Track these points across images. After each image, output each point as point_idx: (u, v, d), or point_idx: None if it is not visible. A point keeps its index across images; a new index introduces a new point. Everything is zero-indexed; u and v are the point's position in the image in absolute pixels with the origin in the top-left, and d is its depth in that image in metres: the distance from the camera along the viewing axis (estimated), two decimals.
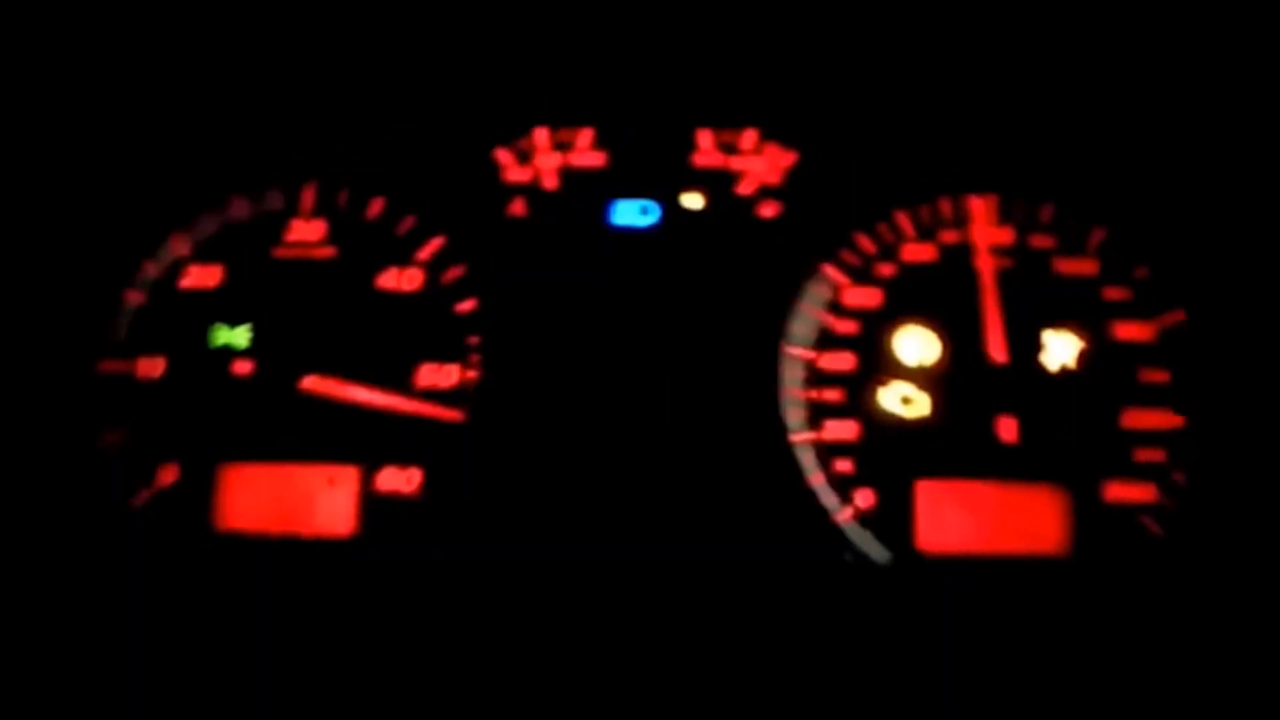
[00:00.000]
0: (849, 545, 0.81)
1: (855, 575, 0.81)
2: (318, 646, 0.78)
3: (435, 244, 0.88)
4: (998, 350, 0.84)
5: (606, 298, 0.86)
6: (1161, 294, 0.85)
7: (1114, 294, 0.86)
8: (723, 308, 0.85)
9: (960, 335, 0.85)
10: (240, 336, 0.87)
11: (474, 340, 0.86)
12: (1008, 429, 0.83)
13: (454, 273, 0.87)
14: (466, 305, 0.87)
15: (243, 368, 0.86)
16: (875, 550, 0.81)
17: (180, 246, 0.90)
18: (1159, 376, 0.84)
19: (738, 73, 0.90)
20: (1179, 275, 0.85)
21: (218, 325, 0.87)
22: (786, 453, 0.82)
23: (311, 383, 0.85)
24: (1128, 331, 0.85)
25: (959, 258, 0.87)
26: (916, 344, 0.85)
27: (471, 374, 0.85)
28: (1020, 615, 0.79)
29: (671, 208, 0.88)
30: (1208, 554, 0.79)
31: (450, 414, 0.84)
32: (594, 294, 0.86)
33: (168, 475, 0.84)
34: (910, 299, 0.86)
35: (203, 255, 0.89)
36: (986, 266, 0.86)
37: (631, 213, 0.88)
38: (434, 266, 0.88)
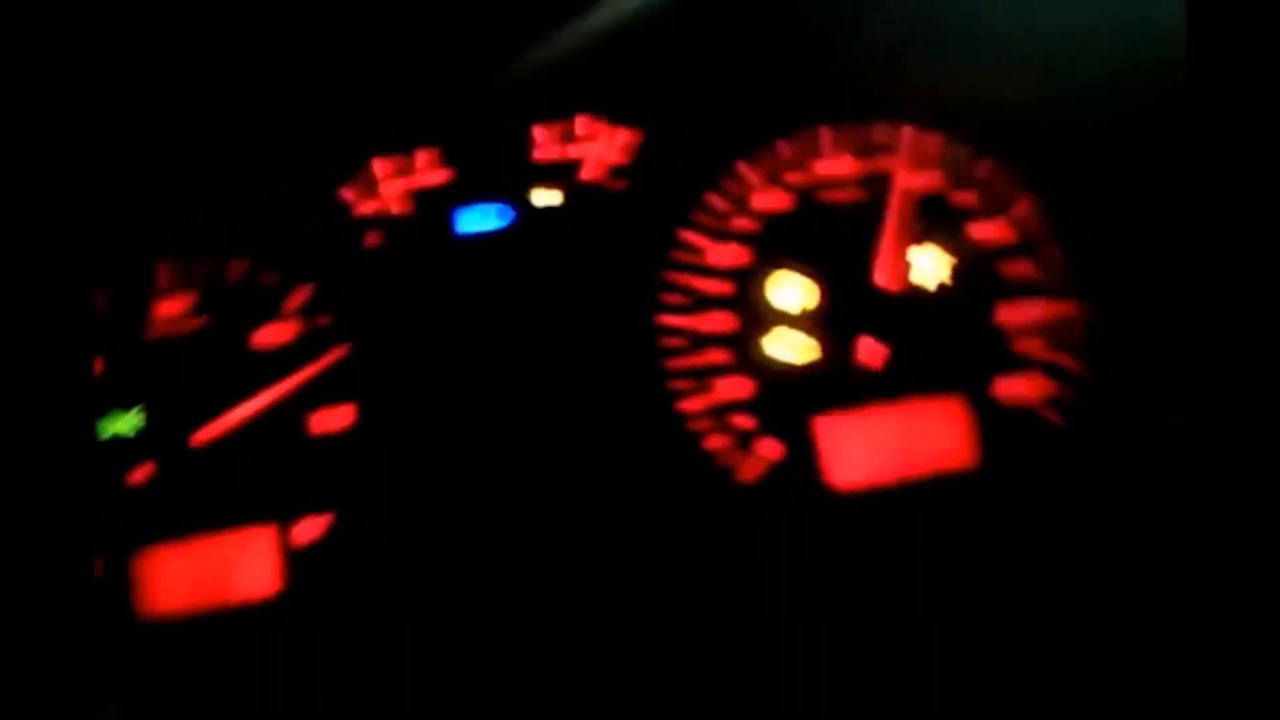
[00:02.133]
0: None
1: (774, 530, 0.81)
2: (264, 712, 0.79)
3: (302, 294, 0.89)
4: (882, 275, 0.85)
5: (473, 307, 0.87)
6: (1008, 188, 0.87)
7: (962, 199, 0.87)
8: (591, 293, 0.86)
9: (830, 272, 0.86)
10: (129, 422, 0.86)
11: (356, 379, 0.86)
12: (870, 352, 0.84)
13: (324, 319, 0.88)
14: (340, 348, 0.87)
15: (138, 452, 0.86)
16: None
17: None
18: (1023, 269, 0.85)
19: (559, 63, 0.91)
20: (1019, 166, 0.87)
21: (110, 413, 0.87)
22: (681, 421, 0.83)
23: (203, 433, 0.85)
24: (985, 233, 0.86)
25: (808, 197, 0.88)
26: (789, 289, 0.86)
27: (362, 411, 0.85)
28: (945, 530, 0.80)
29: (523, 206, 0.89)
30: (1110, 435, 0.81)
31: (337, 352, 0.85)
32: (460, 306, 0.87)
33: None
34: (773, 246, 0.87)
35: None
36: (897, 194, 0.86)
37: (481, 218, 0.89)
38: (304, 315, 0.88)
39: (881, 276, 0.85)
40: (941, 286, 0.85)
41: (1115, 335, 0.83)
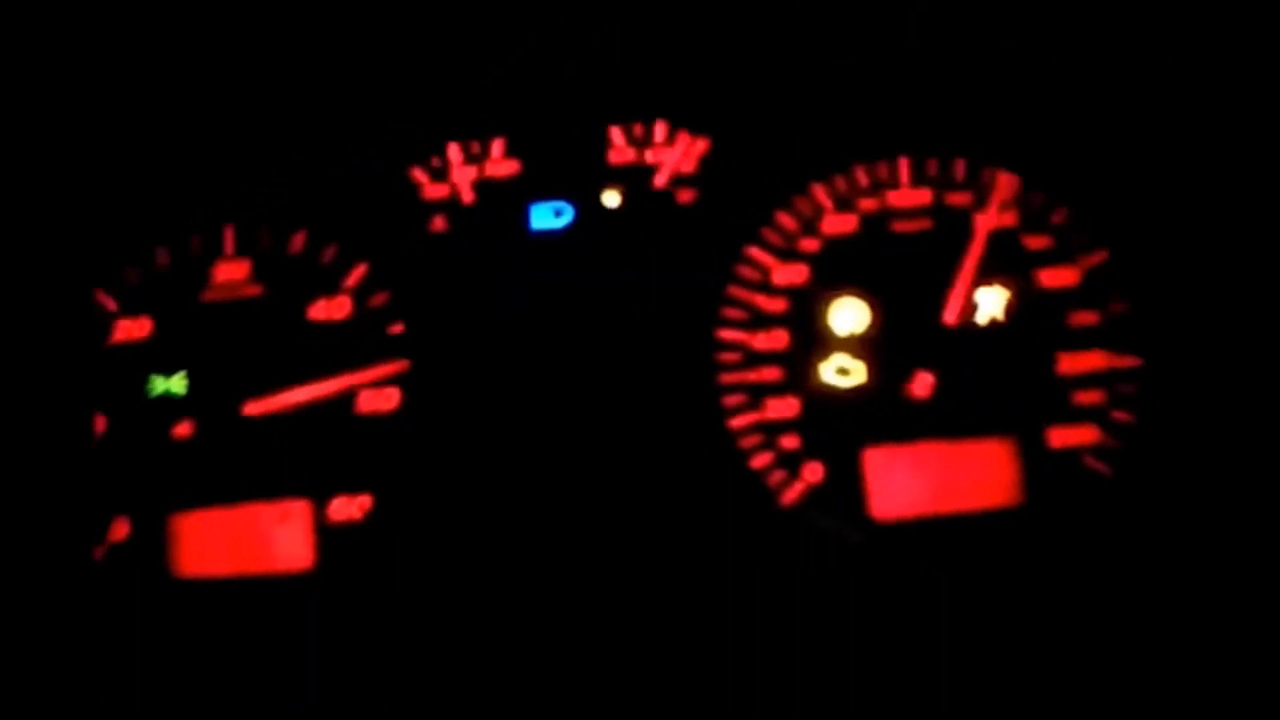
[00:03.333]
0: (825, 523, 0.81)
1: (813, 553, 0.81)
2: (284, 684, 0.79)
3: (360, 270, 0.88)
4: (951, 312, 0.84)
5: (533, 303, 0.86)
6: (1082, 237, 0.86)
7: (1035, 242, 0.86)
8: (651, 299, 0.86)
9: (890, 301, 0.85)
10: (177, 384, 0.87)
11: (409, 361, 0.86)
12: (922, 385, 0.83)
13: (381, 297, 0.88)
14: (397, 328, 0.87)
15: (183, 414, 0.86)
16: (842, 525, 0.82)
17: (106, 301, 0.90)
18: (1088, 319, 0.84)
19: (642, 67, 0.90)
20: (1098, 217, 0.86)
21: (154, 375, 0.87)
22: (729, 437, 0.83)
23: (254, 406, 0.85)
24: (1052, 278, 0.85)
25: (879, 225, 0.87)
26: (847, 314, 0.86)
27: (409, 395, 0.85)
28: (981, 570, 0.79)
29: (587, 207, 0.89)
30: (1156, 488, 0.80)
31: (397, 366, 0.85)
32: (520, 300, 0.87)
33: (120, 530, 0.84)
34: (836, 270, 0.86)
35: (131, 308, 0.89)
36: (981, 234, 0.86)
37: (547, 216, 0.89)
38: (361, 292, 0.88)
39: (951, 312, 0.84)
40: (1002, 327, 0.84)
41: (1171, 392, 0.82)
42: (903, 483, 0.82)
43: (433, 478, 0.83)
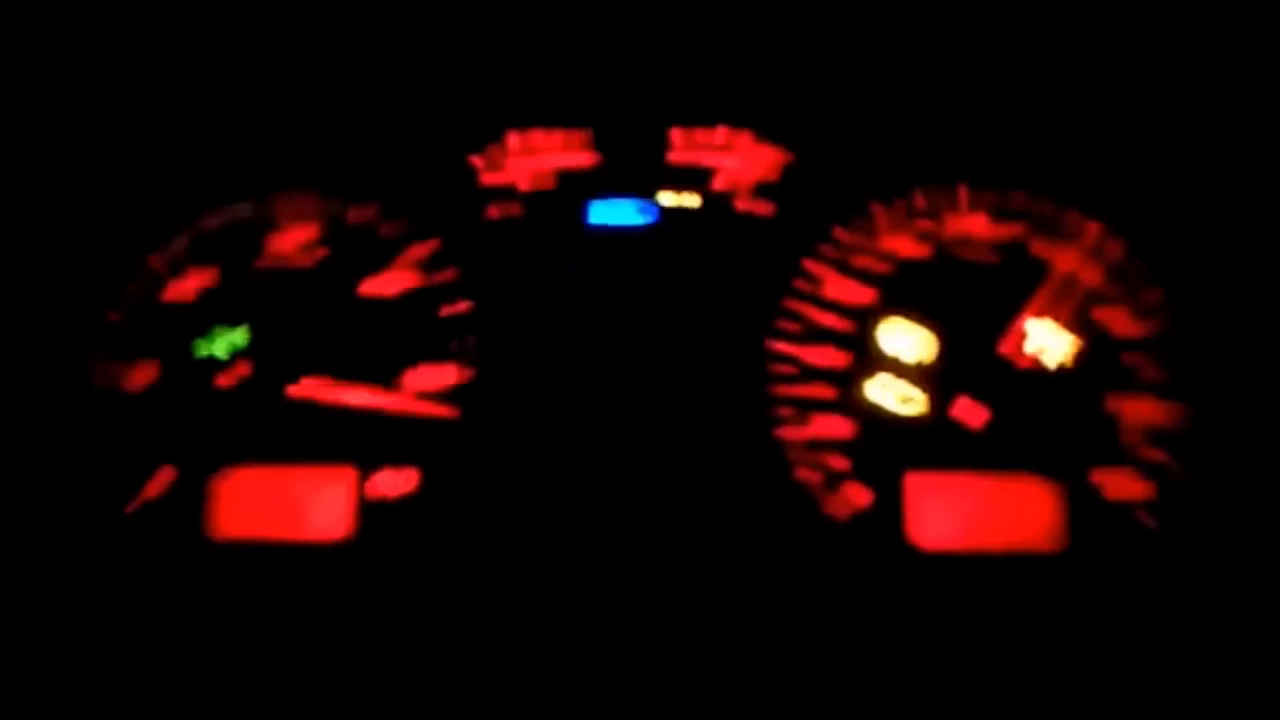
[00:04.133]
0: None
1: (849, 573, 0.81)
2: (317, 652, 0.79)
3: (425, 248, 0.88)
4: (1013, 347, 0.84)
5: (593, 297, 0.86)
6: (1159, 295, 0.86)
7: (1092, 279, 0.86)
8: (709, 305, 0.86)
9: (953, 330, 0.85)
10: (236, 338, 0.87)
11: (467, 341, 0.86)
12: (973, 413, 0.83)
13: (443, 275, 0.88)
14: (458, 307, 0.87)
15: (230, 376, 0.86)
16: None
17: (161, 260, 0.90)
18: (1151, 370, 0.84)
19: (720, 70, 0.90)
20: (1170, 266, 0.86)
21: (205, 335, 0.87)
22: (776, 449, 0.83)
23: (300, 388, 0.85)
24: (1124, 327, 0.85)
25: (948, 252, 0.87)
26: (909, 339, 0.85)
27: (465, 375, 0.85)
28: (1016, 610, 0.79)
29: (661, 206, 0.89)
30: (1202, 547, 0.80)
31: (445, 411, 0.84)
32: (581, 293, 0.87)
33: (158, 485, 0.84)
34: (902, 294, 0.86)
35: (187, 265, 0.89)
36: (1058, 277, 0.86)
37: (621, 212, 0.88)
38: (423, 270, 0.88)
39: (1009, 346, 0.84)
40: (1066, 371, 0.84)
41: (1222, 446, 0.82)
42: (944, 513, 0.81)
43: (483, 462, 0.83)
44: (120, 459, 0.84)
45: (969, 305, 0.85)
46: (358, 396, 0.84)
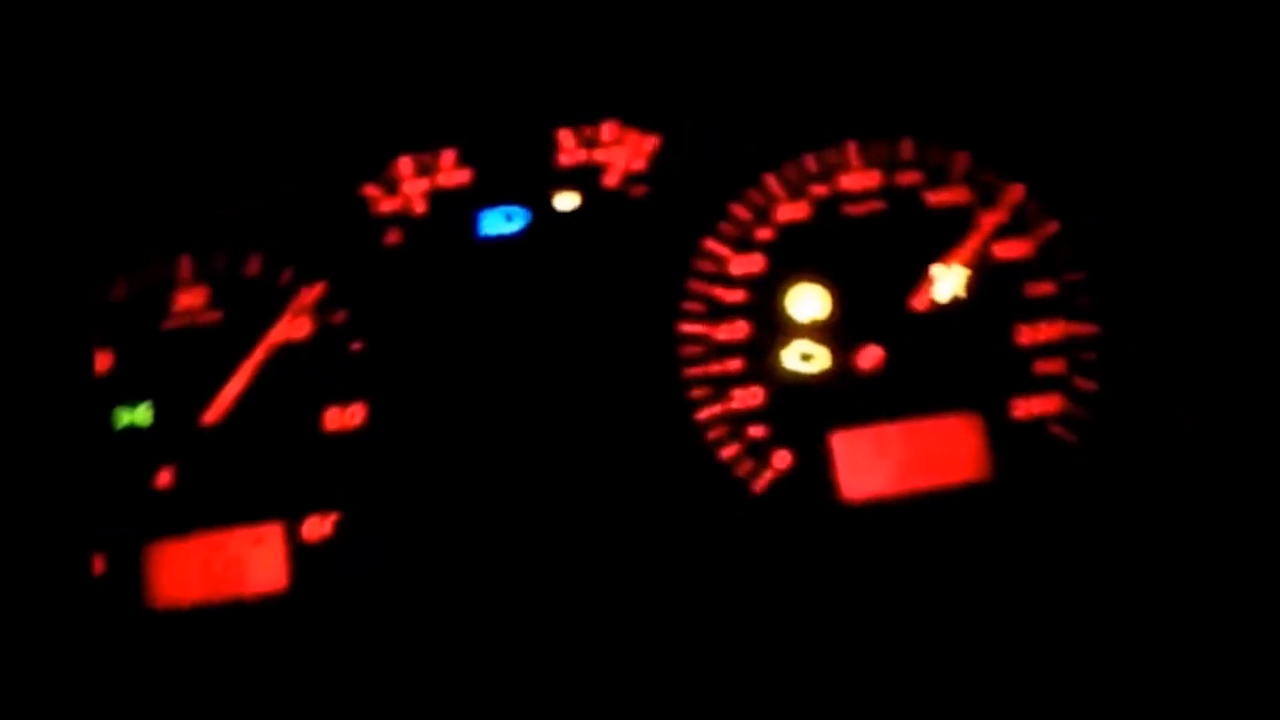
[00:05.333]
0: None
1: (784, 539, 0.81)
2: (268, 706, 0.79)
3: (317, 289, 0.88)
4: (921, 299, 0.85)
5: (491, 309, 0.86)
6: (1035, 208, 0.87)
7: (989, 217, 0.87)
8: (610, 298, 0.86)
9: (847, 284, 0.86)
10: (142, 415, 0.86)
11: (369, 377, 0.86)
12: (868, 357, 0.84)
13: (340, 315, 0.88)
14: (357, 345, 0.87)
15: (150, 444, 0.86)
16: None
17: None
18: (1045, 289, 0.85)
19: (586, 68, 0.90)
20: (1050, 189, 0.87)
21: (118, 407, 0.87)
22: (696, 429, 0.83)
23: (211, 412, 0.85)
24: (1007, 250, 0.86)
25: (831, 210, 0.88)
26: (806, 300, 0.86)
27: (373, 410, 0.85)
28: (954, 545, 0.80)
29: (541, 210, 0.89)
30: (1122, 453, 0.81)
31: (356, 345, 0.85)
32: (478, 308, 0.87)
33: (98, 564, 0.84)
34: (793, 257, 0.87)
35: (93, 340, 0.89)
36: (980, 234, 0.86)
37: (498, 221, 0.89)
38: (320, 311, 0.88)
39: (920, 299, 0.85)
40: (955, 300, 0.85)
41: (1131, 355, 0.83)
42: (871, 463, 0.82)
43: (400, 491, 0.83)
44: (53, 538, 0.84)
45: (861, 258, 0.86)
46: (244, 370, 0.86)
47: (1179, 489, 0.78)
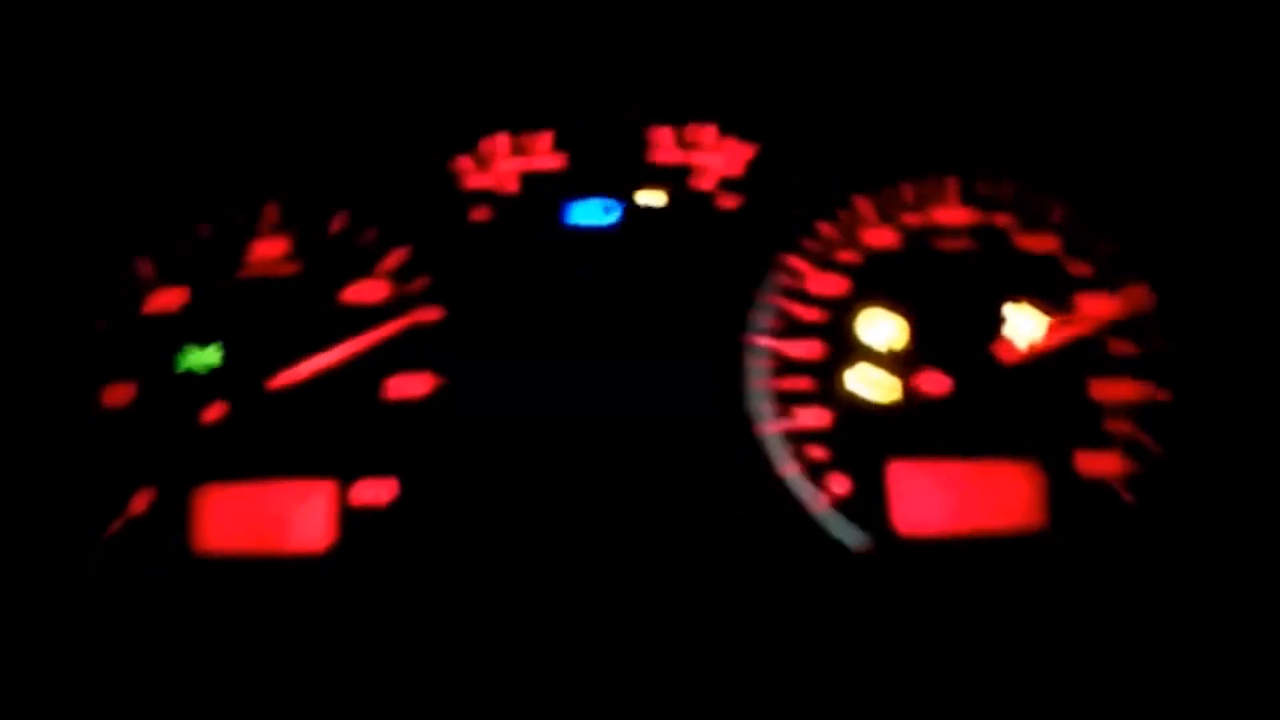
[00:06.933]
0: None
1: (834, 563, 0.81)
2: (301, 664, 0.79)
3: (399, 255, 0.88)
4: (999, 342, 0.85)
5: (570, 297, 0.86)
6: (1124, 266, 0.86)
7: (1077, 268, 0.86)
8: (687, 301, 0.86)
9: (926, 317, 0.86)
10: (208, 357, 0.86)
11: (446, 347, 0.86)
12: (935, 382, 0.84)
13: (419, 282, 0.88)
14: (433, 314, 0.87)
15: (212, 388, 0.86)
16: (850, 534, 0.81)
17: (143, 270, 0.90)
18: (1125, 348, 0.84)
19: (692, 68, 0.90)
20: (1141, 248, 0.86)
21: (185, 348, 0.87)
22: (757, 444, 0.83)
23: (280, 379, 0.85)
24: (1092, 306, 0.86)
25: (920, 240, 0.88)
26: (882, 327, 0.86)
27: (441, 381, 0.85)
28: (1001, 590, 0.79)
29: (631, 205, 0.89)
30: (1181, 520, 0.80)
31: (432, 313, 0.85)
32: (557, 294, 0.86)
33: (141, 501, 0.84)
34: (875, 283, 0.87)
35: (166, 278, 0.89)
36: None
37: (591, 212, 0.88)
38: (398, 277, 0.88)
39: (999, 341, 0.85)
40: (1039, 350, 0.84)
41: (1201, 424, 0.82)
42: (926, 498, 0.82)
43: (461, 467, 0.83)
44: (103, 477, 0.84)
45: (944, 293, 0.86)
46: (331, 356, 0.85)
47: (1234, 559, 0.78)
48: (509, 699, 0.76)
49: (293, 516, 0.83)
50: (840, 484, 0.82)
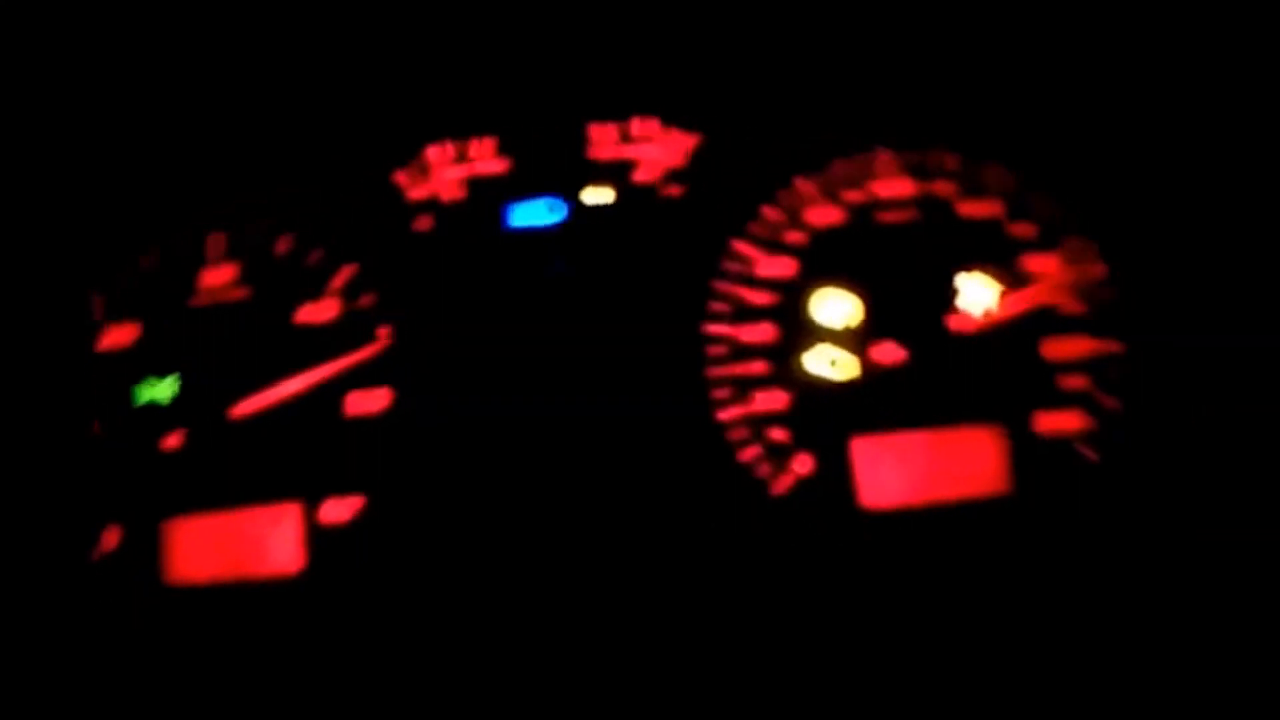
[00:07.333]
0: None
1: (804, 544, 0.81)
2: (282, 686, 0.79)
3: (346, 272, 0.88)
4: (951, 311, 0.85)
5: (519, 300, 0.86)
6: (1068, 225, 0.87)
7: (1021, 231, 0.87)
8: (638, 295, 0.86)
9: (876, 293, 0.86)
10: (165, 390, 0.86)
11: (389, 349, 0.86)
12: (886, 353, 0.84)
13: (367, 299, 0.88)
14: (384, 329, 0.87)
15: (172, 419, 0.86)
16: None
17: (94, 308, 0.90)
18: (1073, 304, 0.85)
19: (628, 63, 0.91)
20: (1084, 205, 0.87)
21: (141, 381, 0.87)
22: (717, 430, 0.83)
23: (241, 407, 0.85)
24: (1038, 265, 0.86)
25: (865, 216, 0.88)
26: (834, 306, 0.86)
27: (397, 396, 0.85)
28: (971, 557, 0.80)
29: (576, 203, 0.89)
30: (1145, 474, 0.81)
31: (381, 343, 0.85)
32: (506, 298, 0.86)
33: (111, 538, 0.84)
34: (823, 262, 0.87)
35: (118, 313, 0.89)
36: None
37: (536, 213, 0.89)
38: (348, 294, 0.88)
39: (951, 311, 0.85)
40: (993, 317, 0.85)
41: (1157, 375, 0.83)
42: (891, 472, 0.82)
43: (423, 478, 0.83)
44: (70, 514, 0.84)
45: (893, 266, 0.86)
46: (293, 385, 0.85)
47: (1199, 510, 0.78)
48: (485, 706, 0.76)
49: (262, 541, 0.83)
50: (803, 463, 0.83)
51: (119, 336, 0.89)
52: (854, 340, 0.85)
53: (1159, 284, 0.84)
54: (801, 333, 0.85)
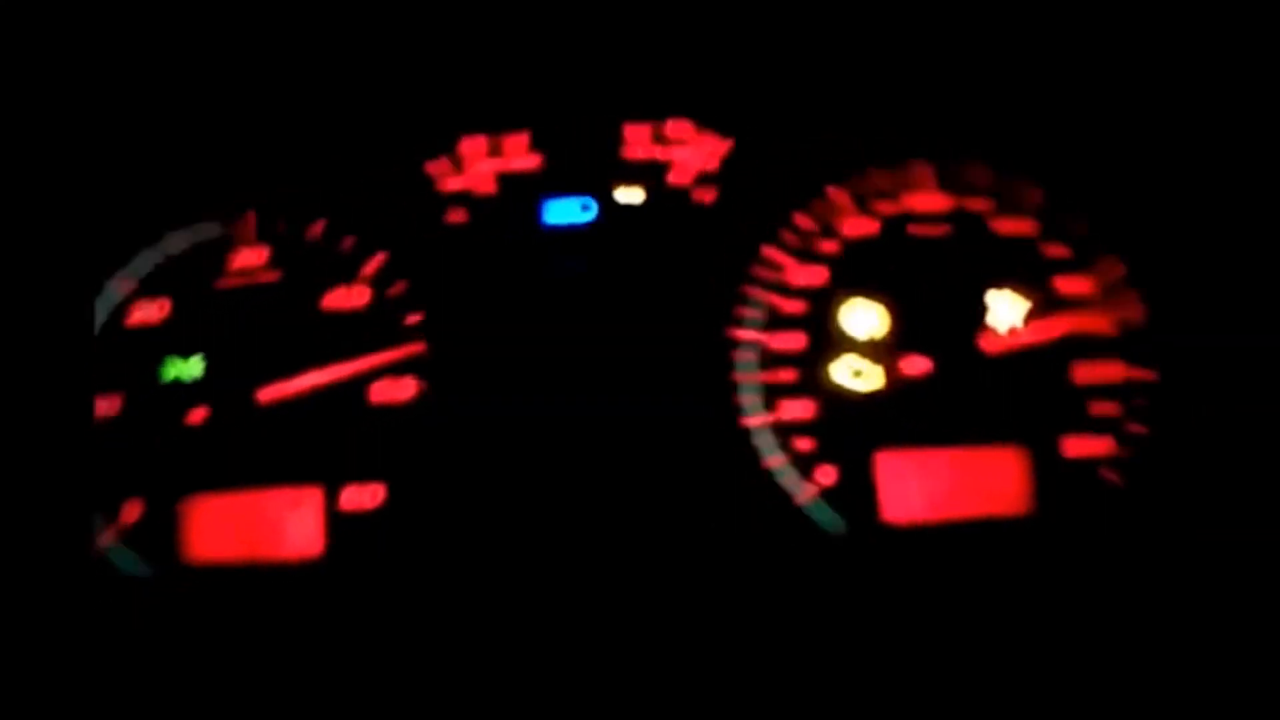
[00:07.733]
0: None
1: (824, 555, 0.81)
2: (296, 669, 0.79)
3: (378, 260, 0.88)
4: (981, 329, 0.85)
5: (551, 297, 0.86)
6: (1100, 247, 0.86)
7: (1054, 251, 0.87)
8: (668, 297, 0.86)
9: (907, 305, 0.86)
10: (192, 368, 0.87)
11: (424, 351, 0.86)
12: (914, 365, 0.83)
13: (398, 286, 0.88)
14: (414, 318, 0.87)
15: (197, 398, 0.86)
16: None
17: (125, 284, 0.90)
18: (1107, 330, 0.85)
19: (665, 64, 0.90)
20: (1117, 228, 0.86)
21: (168, 358, 0.87)
22: (743, 437, 0.83)
23: (268, 392, 0.85)
24: (1069, 286, 0.86)
25: (898, 228, 0.88)
26: (864, 317, 0.86)
27: (424, 385, 0.85)
28: (990, 576, 0.79)
29: (608, 202, 0.89)
30: (1168, 501, 0.80)
31: (415, 348, 0.85)
32: (537, 294, 0.86)
33: (131, 513, 0.84)
34: (855, 273, 0.87)
35: (148, 290, 0.89)
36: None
37: (568, 210, 0.88)
38: (378, 282, 0.88)
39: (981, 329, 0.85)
40: (1011, 331, 0.84)
41: (1186, 402, 0.82)
42: (914, 487, 0.82)
43: (447, 469, 0.83)
44: (91, 489, 0.84)
45: (924, 279, 0.86)
46: (321, 377, 0.85)
47: (1222, 538, 0.78)
48: (501, 696, 0.76)
49: (281, 524, 0.83)
50: (827, 475, 0.82)
51: (149, 313, 0.89)
52: (881, 352, 0.85)
53: (1192, 310, 0.84)
54: (829, 342, 0.85)
